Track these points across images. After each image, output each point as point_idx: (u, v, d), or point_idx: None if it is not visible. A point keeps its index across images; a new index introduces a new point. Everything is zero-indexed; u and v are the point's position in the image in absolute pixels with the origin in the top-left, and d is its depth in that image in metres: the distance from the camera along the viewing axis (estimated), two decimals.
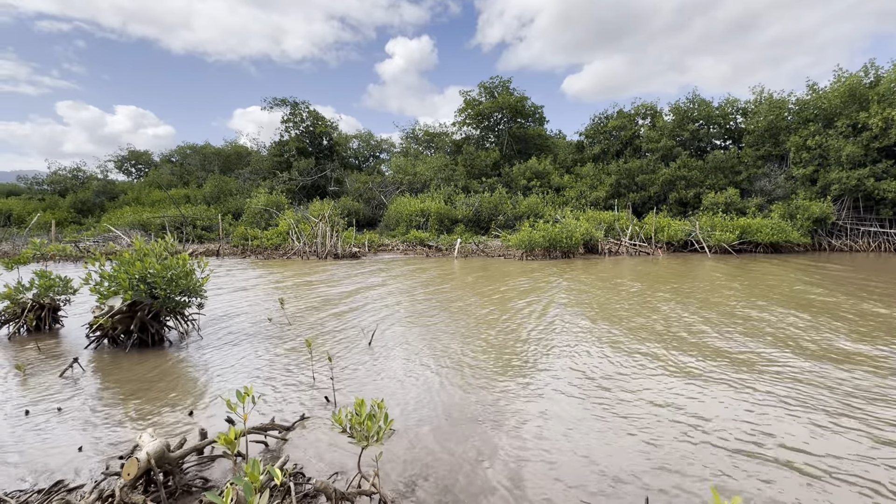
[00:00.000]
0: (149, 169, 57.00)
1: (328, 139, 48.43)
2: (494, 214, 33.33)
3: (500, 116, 46.13)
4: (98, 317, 6.95)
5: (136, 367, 6.21)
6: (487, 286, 13.51)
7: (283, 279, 15.85)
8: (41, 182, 48.94)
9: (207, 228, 31.40)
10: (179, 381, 5.70)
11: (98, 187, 46.05)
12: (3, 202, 41.97)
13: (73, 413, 4.72)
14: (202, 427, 3.79)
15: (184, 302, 7.43)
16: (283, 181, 40.79)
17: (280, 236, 26.95)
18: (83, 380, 5.72)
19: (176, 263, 7.21)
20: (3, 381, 5.69)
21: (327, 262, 21.80)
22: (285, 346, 7.21)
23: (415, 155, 50.28)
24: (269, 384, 5.53)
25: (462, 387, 5.37)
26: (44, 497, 3.12)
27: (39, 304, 8.16)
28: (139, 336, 7.14)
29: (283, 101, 44.63)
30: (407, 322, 8.80)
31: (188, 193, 43.27)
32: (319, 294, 12.36)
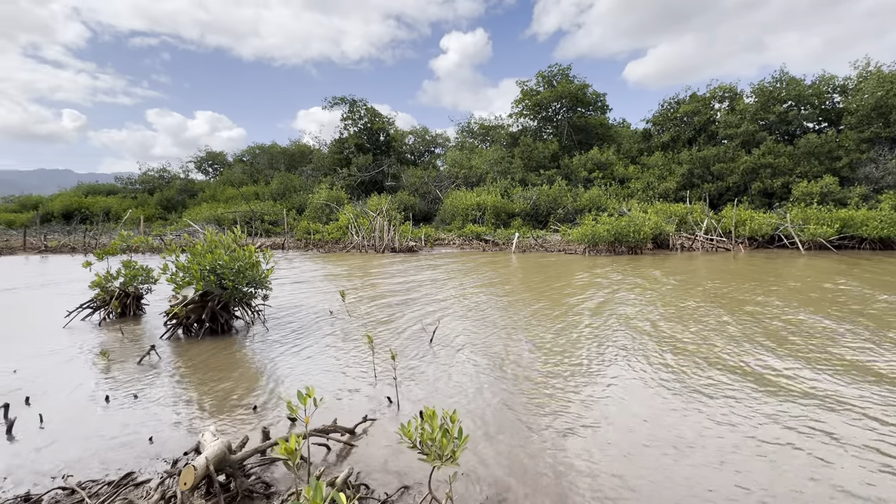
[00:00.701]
0: (223, 168, 61.22)
1: (385, 135, 49.23)
2: (553, 208, 32.07)
3: (558, 106, 44.34)
4: (173, 306, 7.22)
5: (206, 357, 6.34)
6: (548, 283, 12.80)
7: (343, 272, 16.11)
8: (134, 182, 54.24)
9: (274, 223, 33.04)
10: (245, 373, 5.71)
11: (180, 186, 50.16)
12: (103, 200, 47.00)
13: (147, 402, 4.81)
14: (265, 426, 3.63)
15: (250, 293, 7.55)
16: (343, 177, 42.01)
17: (340, 230, 27.68)
18: (159, 367, 5.90)
19: (242, 255, 7.32)
20: (91, 366, 6.00)
21: (385, 256, 22.01)
22: (346, 339, 7.09)
23: (470, 149, 49.79)
24: (329, 380, 5.37)
25: (527, 394, 4.87)
26: (112, 490, 3.06)
27: (125, 293, 8.70)
28: (210, 325, 7.34)
29: (342, 99, 45.91)
30: (466, 319, 8.41)
31: (257, 190, 45.88)
32: (378, 287, 12.32)
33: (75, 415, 4.47)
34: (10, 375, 5.56)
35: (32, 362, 6.09)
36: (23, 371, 5.73)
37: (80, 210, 43.63)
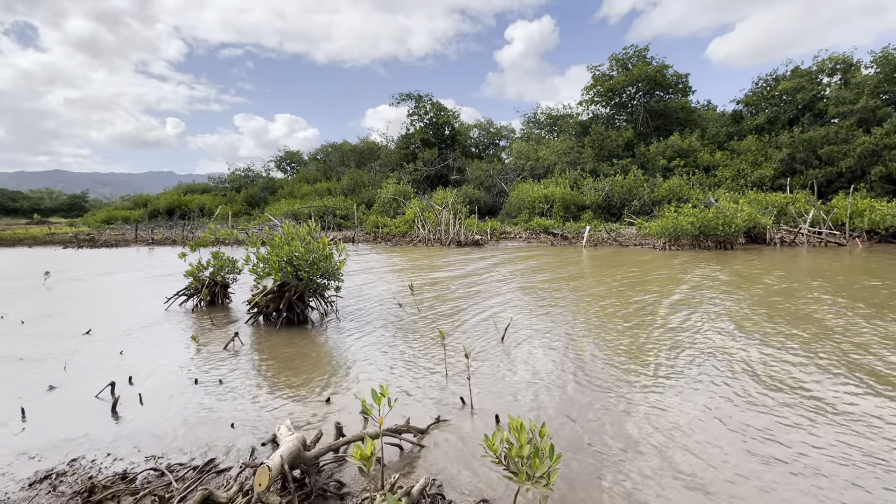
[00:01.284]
0: (299, 166, 65.16)
1: (450, 129, 49.28)
2: (628, 199, 30.07)
3: (634, 91, 41.46)
4: (255, 295, 7.57)
5: (283, 346, 6.53)
6: (622, 279, 11.85)
7: (410, 265, 16.24)
8: (223, 181, 59.49)
9: (345, 217, 34.46)
10: (319, 364, 5.77)
11: (262, 183, 54.14)
12: (198, 198, 52.09)
13: (230, 387, 5.00)
14: (338, 421, 3.55)
15: (323, 284, 7.71)
16: (409, 172, 42.70)
17: (406, 224, 28.13)
18: (241, 353, 6.17)
19: (317, 247, 7.47)
20: (183, 350, 6.44)
21: (450, 249, 21.94)
22: (416, 334, 6.98)
23: (536, 140, 48.30)
24: (400, 376, 5.25)
25: (608, 397, 4.36)
26: (197, 476, 3.11)
27: (214, 282, 9.33)
28: (287, 315, 7.60)
29: (409, 95, 46.60)
30: (536, 316, 7.95)
31: (329, 186, 48.19)
32: (444, 281, 12.19)
33: (168, 396, 4.74)
34: (117, 356, 6.11)
35: (136, 344, 6.66)
36: (127, 352, 6.27)
37: (180, 207, 48.74)
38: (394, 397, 4.07)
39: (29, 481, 3.16)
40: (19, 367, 5.71)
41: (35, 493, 3.03)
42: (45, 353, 6.28)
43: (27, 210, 68.13)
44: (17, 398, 4.70)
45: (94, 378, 5.28)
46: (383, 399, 2.88)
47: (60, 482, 3.14)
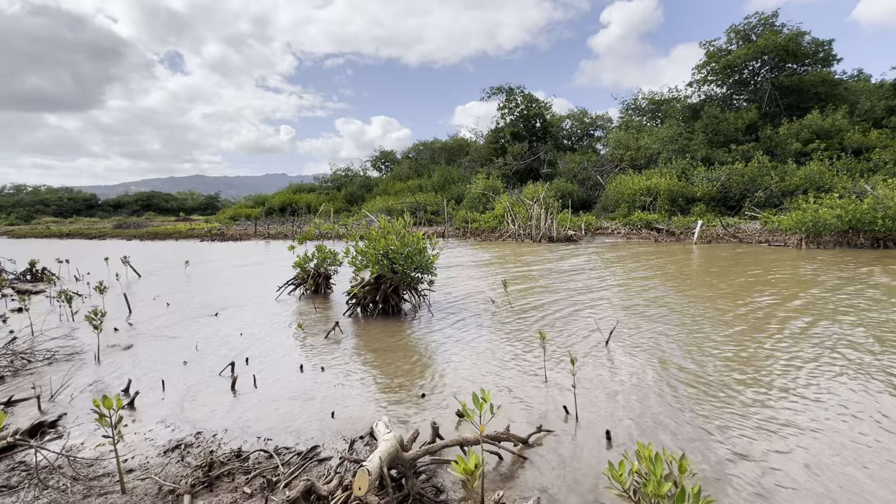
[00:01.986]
0: (393, 165, 68.21)
1: (541, 121, 47.69)
2: (750, 190, 26.32)
3: (758, 65, 36.20)
4: (353, 287, 7.87)
5: (380, 337, 6.67)
6: (743, 282, 10.22)
7: (501, 260, 15.90)
8: (326, 180, 64.58)
9: (435, 213, 35.19)
10: (413, 358, 5.76)
11: (360, 182, 57.67)
12: (306, 196, 57.22)
13: (331, 375, 5.17)
14: (434, 420, 3.40)
15: (417, 277, 7.75)
16: (499, 166, 42.19)
17: (496, 219, 27.78)
18: (340, 343, 6.42)
19: (411, 241, 7.52)
20: (291, 336, 6.89)
21: (542, 245, 21.14)
22: (510, 332, 6.67)
23: (637, 128, 44.55)
24: (494, 375, 4.99)
25: (730, 422, 3.60)
26: (300, 462, 3.17)
27: (318, 272, 9.97)
28: (382, 306, 7.79)
29: (499, 88, 45.99)
30: (643, 319, 7.12)
31: (421, 183, 49.62)
32: (537, 278, 11.66)
33: (277, 380, 5.05)
34: (238, 337, 6.73)
35: (253, 328, 7.30)
36: (246, 334, 6.89)
37: (291, 205, 53.99)
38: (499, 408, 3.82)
39: (164, 448, 3.51)
40: (164, 343, 6.56)
41: (167, 460, 3.33)
42: (183, 331, 7.17)
43: (175, 209, 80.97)
44: (160, 370, 5.37)
45: (218, 356, 5.85)
46: (485, 405, 2.64)
47: (188, 453, 3.42)
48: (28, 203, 75.19)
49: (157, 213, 76.87)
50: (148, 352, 6.16)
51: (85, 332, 7.13)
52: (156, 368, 5.47)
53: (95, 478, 3.09)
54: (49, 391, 4.73)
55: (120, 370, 5.44)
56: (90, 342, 6.47)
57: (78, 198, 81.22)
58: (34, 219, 63.41)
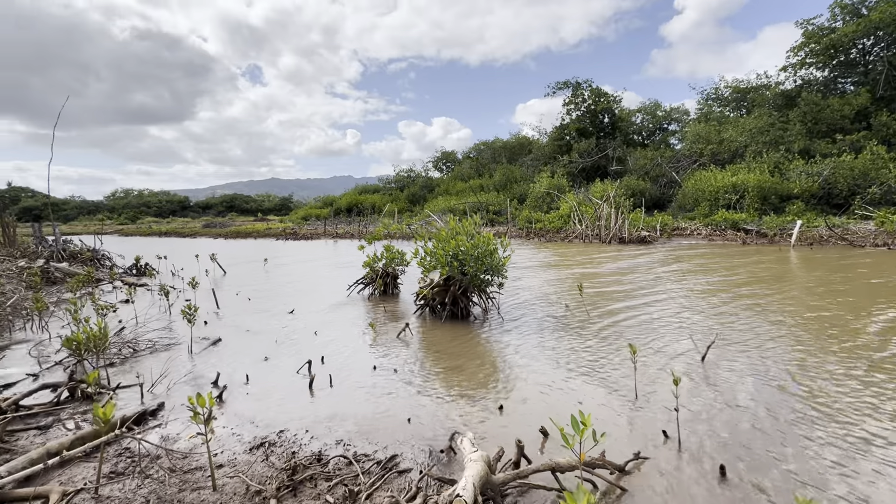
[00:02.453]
0: (454, 165, 68.56)
1: (610, 116, 45.42)
2: (861, 185, 23.08)
3: (870, 43, 31.68)
4: (422, 288, 7.82)
5: (450, 340, 6.52)
6: (865, 292, 8.79)
7: (570, 262, 15.21)
8: (390, 181, 66.41)
9: (497, 213, 34.75)
10: (487, 364, 5.53)
11: (422, 183, 58.62)
12: (370, 197, 59.24)
13: (404, 377, 5.09)
14: (518, 439, 3.15)
15: (487, 280, 7.52)
16: (563, 164, 40.79)
17: (561, 219, 26.81)
18: (411, 344, 6.36)
19: (482, 242, 7.30)
20: (362, 335, 6.96)
21: (612, 247, 19.99)
22: (587, 340, 6.22)
23: (718, 119, 40.89)
24: (574, 389, 4.62)
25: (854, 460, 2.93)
26: (380, 471, 3.07)
27: (386, 272, 10.08)
28: (451, 309, 7.65)
29: (565, 83, 44.44)
30: (741, 332, 6.31)
31: (482, 183, 49.35)
32: (611, 281, 10.93)
33: (352, 380, 5.06)
34: (312, 335, 6.92)
35: (326, 327, 7.49)
36: (320, 332, 7.07)
37: (357, 205, 56.16)
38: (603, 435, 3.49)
39: (249, 446, 3.58)
40: (247, 337, 6.91)
41: (254, 458, 3.39)
42: (264, 326, 7.52)
43: (254, 210, 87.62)
44: (244, 364, 5.62)
45: (295, 353, 6.02)
46: (586, 431, 2.34)
47: (272, 452, 3.46)
48: (134, 205, 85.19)
49: (239, 213, 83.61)
50: (233, 345, 6.51)
51: (180, 324, 7.72)
52: (240, 362, 5.73)
53: (189, 471, 3.20)
54: (150, 380, 5.11)
55: (210, 362, 5.77)
56: (184, 334, 6.97)
57: (174, 200, 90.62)
58: (139, 219, 71.70)
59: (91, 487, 2.93)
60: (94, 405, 3.85)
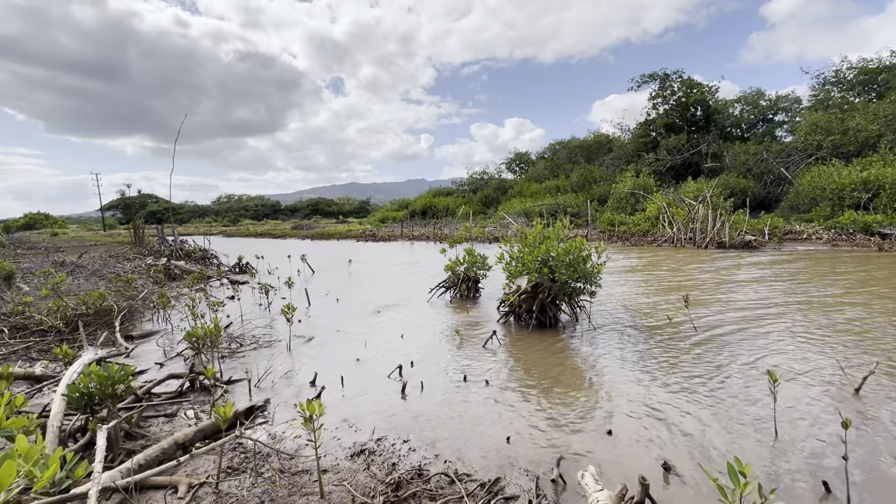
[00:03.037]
0: (527, 166, 67.16)
1: (703, 108, 41.49)
2: None
3: None
4: (508, 294, 7.54)
5: (540, 350, 6.18)
6: None
7: (663, 269, 13.98)
8: (463, 184, 66.82)
9: (576, 215, 33.30)
10: (583, 377, 5.12)
11: (495, 185, 58.19)
12: (443, 200, 60.07)
13: (496, 390, 4.87)
14: (642, 475, 2.76)
15: (579, 288, 7.04)
16: (649, 163, 38.01)
17: (648, 221, 24.92)
18: (499, 353, 6.12)
19: (574, 247, 6.85)
20: (448, 341, 6.86)
21: (710, 252, 18.08)
22: (699, 361, 5.53)
23: (840, 106, 35.46)
24: (694, 418, 4.06)
25: None
26: (485, 495, 2.87)
27: (467, 276, 9.96)
28: (538, 317, 7.28)
29: (652, 75, 41.41)
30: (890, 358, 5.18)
31: (558, 184, 47.70)
32: (714, 291, 9.77)
33: (442, 388, 4.94)
34: (399, 339, 6.96)
35: (412, 329, 7.51)
36: (406, 336, 7.10)
37: (430, 208, 57.27)
38: (775, 493, 3.02)
39: (350, 452, 3.58)
40: (338, 338, 7.14)
41: (356, 466, 3.37)
42: (352, 327, 7.75)
43: (335, 213, 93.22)
44: (338, 365, 5.77)
45: (385, 356, 6.07)
46: (742, 481, 1.93)
47: (372, 461, 3.42)
48: (235, 209, 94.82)
49: (322, 216, 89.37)
50: (326, 345, 6.75)
51: (278, 322, 8.23)
52: (334, 362, 5.90)
53: (296, 473, 3.26)
54: (256, 375, 5.42)
55: (306, 361, 6.01)
56: (283, 332, 7.39)
57: (267, 204, 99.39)
58: (239, 221, 79.63)
59: (213, 482, 3.08)
60: (214, 404, 4.10)
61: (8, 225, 62.61)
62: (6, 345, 6.60)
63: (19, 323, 7.27)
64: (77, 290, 9.40)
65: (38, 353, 6.51)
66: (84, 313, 7.71)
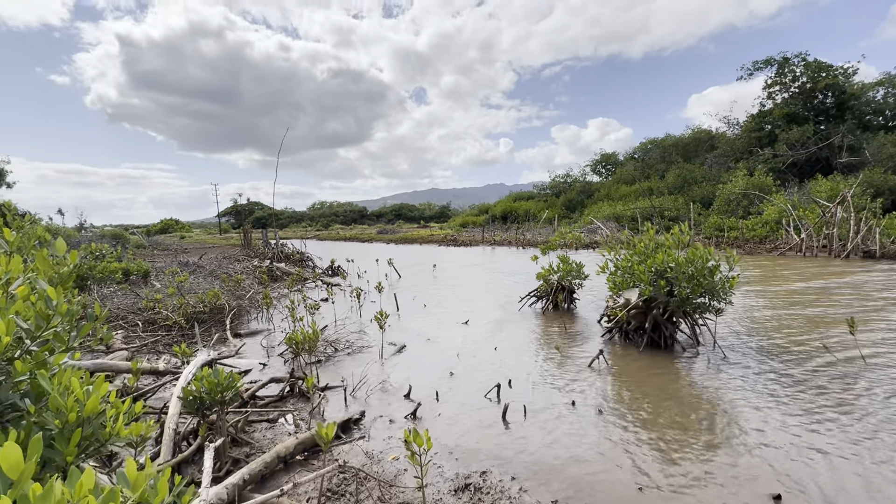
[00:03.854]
0: (615, 168, 63.15)
1: (834, 94, 35.58)
2: None
3: None
4: (614, 308, 6.75)
5: (657, 376, 5.34)
6: None
7: (794, 282, 11.90)
8: (545, 188, 64.82)
9: (674, 219, 30.34)
10: (719, 414, 4.25)
11: (579, 188, 55.55)
12: (524, 204, 58.72)
13: (611, 422, 4.22)
14: None
15: (703, 304, 6.04)
16: (765, 159, 33.45)
17: (766, 226, 21.75)
18: (606, 377, 5.40)
19: (698, 257, 5.89)
20: (546, 359, 6.28)
21: (851, 263, 15.12)
22: (858, 398, 4.33)
23: None
24: (875, 489, 3.06)
25: None
26: None
27: (561, 286, 9.23)
28: (650, 335, 6.39)
29: (767, 61, 36.56)
30: None
31: (651, 186, 44.09)
32: (872, 311, 7.92)
33: (547, 414, 4.40)
34: (493, 351, 6.52)
35: (506, 343, 7.04)
36: (500, 349, 6.64)
37: (511, 212, 56.30)
38: None
39: (453, 486, 3.21)
40: (428, 347, 6.91)
41: (460, 503, 2.98)
42: (441, 335, 7.48)
43: (417, 218, 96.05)
44: (430, 378, 5.49)
45: (479, 369, 5.68)
46: None
47: (479, 500, 3.02)
48: (327, 214, 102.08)
49: (405, 221, 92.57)
50: (417, 354, 6.54)
51: (370, 327, 8.26)
52: (427, 374, 5.64)
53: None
54: (350, 382, 5.34)
55: (399, 370, 5.83)
56: (374, 337, 7.36)
57: (354, 210, 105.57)
58: (330, 226, 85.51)
59: None
60: (313, 413, 3.99)
61: (149, 229, 73.71)
62: (139, 338, 7.36)
63: (150, 318, 8.11)
64: (196, 289, 10.38)
65: (164, 346, 7.16)
66: (202, 311, 8.40)
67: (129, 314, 8.32)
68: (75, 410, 2.14)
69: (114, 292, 10.12)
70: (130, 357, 6.44)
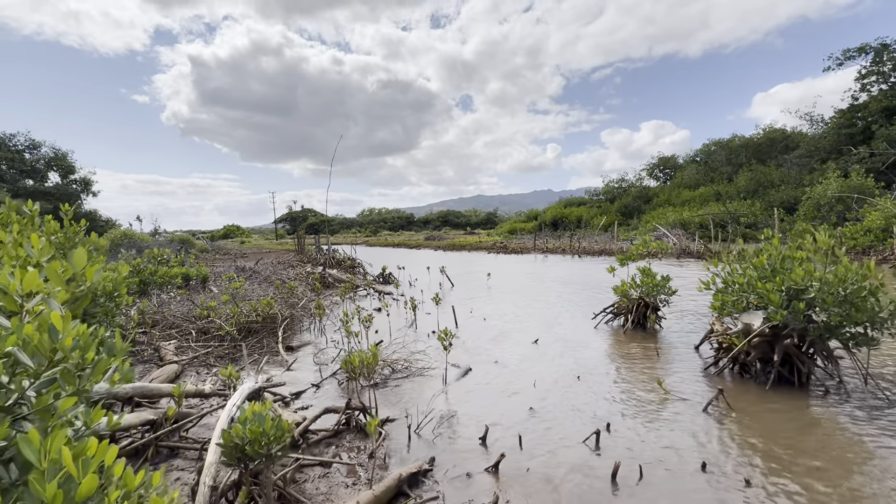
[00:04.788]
0: (674, 172, 59.28)
1: None
2: None
3: None
4: (725, 335, 5.54)
5: (810, 428, 4.14)
6: None
7: None
8: (598, 193, 62.05)
9: (751, 226, 27.52)
10: None
11: (636, 193, 52.55)
12: (576, 210, 56.38)
13: (763, 495, 3.12)
14: None
15: (857, 335, 4.73)
16: (860, 158, 29.70)
17: (869, 234, 18.96)
18: (732, 424, 4.26)
19: (850, 274, 4.61)
20: (646, 393, 5.20)
21: None
22: None
23: None
24: None
25: None
26: None
27: (644, 302, 8.04)
28: (779, 370, 5.14)
29: (861, 49, 32.65)
30: None
31: (717, 190, 40.69)
32: None
33: (671, 479, 3.39)
34: (575, 381, 5.53)
35: (588, 369, 6.02)
36: (582, 377, 5.64)
37: (562, 219, 54.21)
38: None
39: None
40: (496, 371, 6.02)
41: None
42: (509, 357, 6.57)
43: (463, 224, 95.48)
44: (505, 412, 4.61)
45: (563, 405, 4.73)
46: None
47: None
48: (376, 221, 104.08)
49: (451, 227, 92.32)
50: (485, 380, 5.68)
51: (429, 343, 7.51)
52: (501, 408, 4.77)
53: None
54: (413, 415, 4.57)
55: (467, 400, 5.01)
56: (435, 357, 6.59)
57: (402, 216, 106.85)
58: (378, 232, 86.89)
59: None
60: (372, 457, 3.27)
61: (213, 234, 78.39)
62: (191, 349, 7.05)
63: (204, 327, 7.83)
64: (251, 295, 10.15)
65: (215, 358, 6.79)
66: (254, 320, 8.04)
67: (184, 322, 8.11)
68: (60, 500, 1.47)
69: (172, 298, 10.10)
70: (181, 371, 6.08)
